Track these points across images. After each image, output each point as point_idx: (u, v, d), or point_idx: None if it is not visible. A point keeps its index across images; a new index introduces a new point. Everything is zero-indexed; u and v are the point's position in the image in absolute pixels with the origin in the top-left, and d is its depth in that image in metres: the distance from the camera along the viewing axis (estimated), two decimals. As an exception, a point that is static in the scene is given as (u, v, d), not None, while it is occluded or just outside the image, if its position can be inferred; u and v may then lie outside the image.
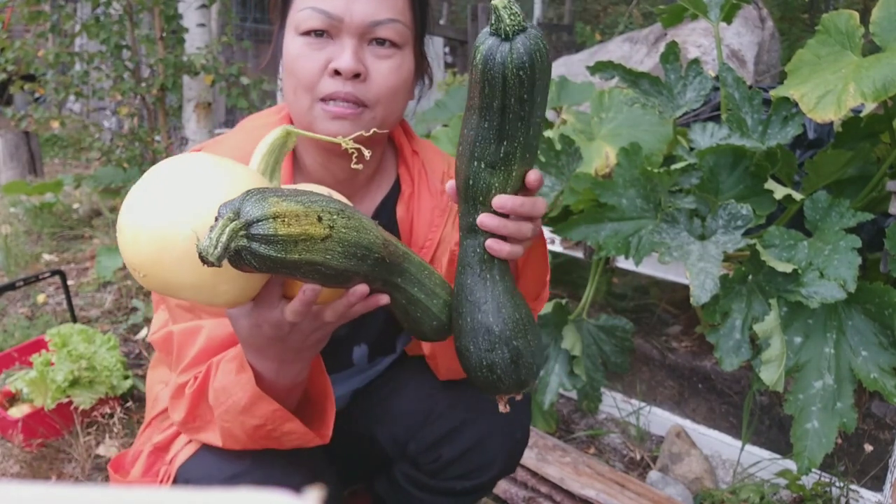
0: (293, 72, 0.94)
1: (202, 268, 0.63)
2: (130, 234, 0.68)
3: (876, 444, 1.86)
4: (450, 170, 1.14)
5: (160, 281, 0.69)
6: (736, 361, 1.53)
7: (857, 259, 1.44)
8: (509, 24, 0.73)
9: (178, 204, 0.67)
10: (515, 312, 0.84)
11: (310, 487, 0.22)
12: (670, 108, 1.82)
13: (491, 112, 0.77)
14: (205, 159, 0.72)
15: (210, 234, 0.62)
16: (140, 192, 0.70)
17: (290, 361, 0.84)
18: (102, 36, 3.24)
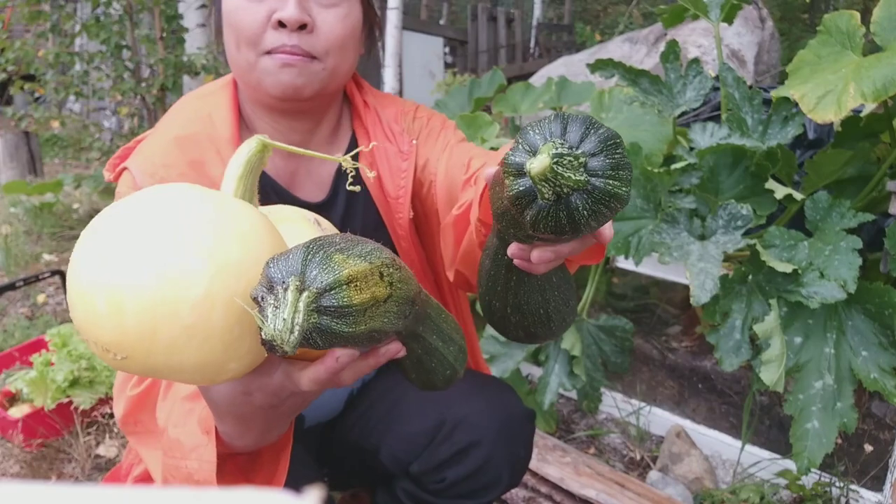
0: (234, 26, 0.91)
1: (210, 345, 0.51)
2: (104, 304, 0.49)
3: (876, 444, 1.86)
4: (404, 108, 1.08)
5: (145, 364, 0.52)
6: (736, 361, 1.53)
7: (857, 260, 1.43)
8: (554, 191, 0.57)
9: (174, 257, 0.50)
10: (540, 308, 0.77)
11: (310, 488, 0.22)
12: (670, 107, 1.82)
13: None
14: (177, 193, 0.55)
15: (278, 314, 0.48)
16: (107, 244, 0.51)
17: (273, 430, 0.72)
18: (102, 36, 3.24)
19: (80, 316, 0.52)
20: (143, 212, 0.52)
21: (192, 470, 0.72)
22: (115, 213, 0.54)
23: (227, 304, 0.51)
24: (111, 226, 0.52)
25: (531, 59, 8.28)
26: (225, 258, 0.52)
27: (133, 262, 0.50)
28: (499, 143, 2.08)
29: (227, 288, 0.51)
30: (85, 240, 0.53)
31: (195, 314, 0.50)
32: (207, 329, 0.51)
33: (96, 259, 0.51)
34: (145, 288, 0.49)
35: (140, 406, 0.84)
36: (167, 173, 0.90)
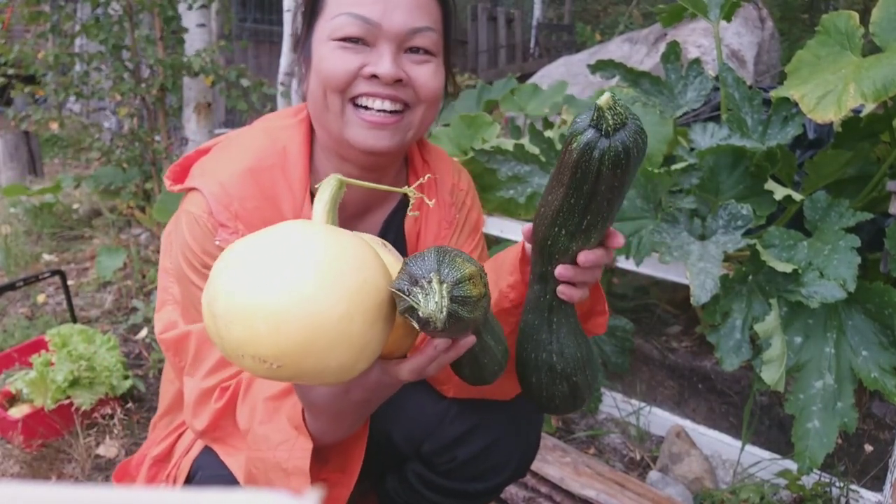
0: (324, 74, 0.91)
1: (350, 349, 0.62)
2: (264, 324, 0.60)
3: (876, 444, 1.86)
4: (459, 181, 1.13)
5: (297, 369, 0.63)
6: (736, 361, 1.53)
7: (856, 259, 1.44)
8: (611, 124, 0.72)
9: (320, 282, 0.62)
10: (577, 352, 0.89)
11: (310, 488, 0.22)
12: (671, 107, 1.82)
13: (580, 192, 0.77)
14: (308, 228, 0.67)
15: (429, 299, 0.63)
16: (260, 273, 0.62)
17: (357, 423, 0.83)
18: (102, 36, 3.24)
19: (239, 335, 0.61)
20: (287, 245, 0.64)
21: (281, 459, 0.81)
22: (260, 244, 0.65)
23: (362, 316, 0.64)
24: (261, 255, 0.63)
25: (531, 59, 8.28)
26: (357, 280, 0.64)
27: (287, 288, 0.61)
28: (499, 143, 2.08)
29: (362, 303, 0.64)
30: (232, 269, 0.64)
31: (340, 326, 0.62)
32: (349, 337, 0.63)
33: (252, 286, 0.61)
34: (300, 309, 0.61)
35: (224, 415, 0.90)
36: (242, 206, 0.93)
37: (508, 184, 1.94)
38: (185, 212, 0.95)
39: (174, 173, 1.02)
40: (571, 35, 9.03)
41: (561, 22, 9.80)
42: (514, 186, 1.93)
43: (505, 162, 1.94)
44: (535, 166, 1.92)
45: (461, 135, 2.37)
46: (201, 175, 0.97)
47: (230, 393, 0.89)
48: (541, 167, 1.92)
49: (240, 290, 0.62)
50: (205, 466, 0.96)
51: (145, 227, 3.42)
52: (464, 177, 1.16)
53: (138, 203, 3.48)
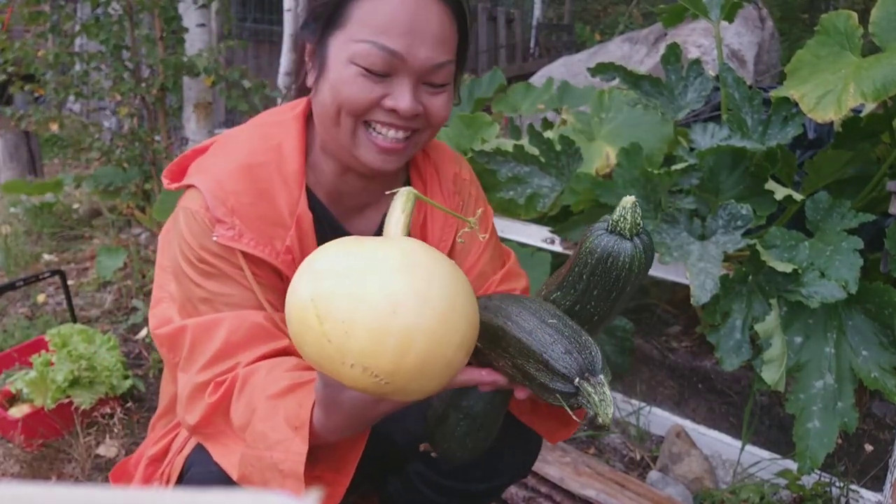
0: (342, 98, 0.91)
1: (448, 376, 0.66)
2: (394, 343, 0.61)
3: (876, 444, 1.86)
4: (461, 171, 1.14)
5: (400, 388, 0.65)
6: (736, 361, 1.53)
7: (858, 260, 1.44)
8: (630, 227, 0.76)
9: (449, 312, 0.64)
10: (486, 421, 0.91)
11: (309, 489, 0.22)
12: (672, 108, 1.82)
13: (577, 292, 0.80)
14: (422, 251, 0.69)
15: (604, 404, 0.68)
16: (398, 293, 0.63)
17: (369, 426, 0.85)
18: (102, 36, 3.24)
19: (362, 345, 0.62)
20: (420, 266, 0.65)
21: (277, 460, 0.81)
22: (389, 257, 0.66)
23: (468, 346, 0.68)
24: (394, 271, 0.64)
25: (531, 59, 8.28)
26: (471, 311, 0.68)
27: (425, 311, 0.63)
28: (499, 144, 2.08)
29: (471, 334, 0.67)
30: (361, 274, 0.64)
31: (454, 356, 0.65)
32: (454, 365, 0.66)
33: (389, 300, 0.62)
34: (431, 334, 0.63)
35: (217, 410, 0.89)
36: (238, 202, 0.93)
37: (508, 185, 1.94)
38: (183, 208, 0.96)
39: (171, 172, 1.02)
40: (571, 35, 9.03)
41: (561, 22, 9.80)
42: (514, 187, 1.93)
43: (505, 163, 1.94)
44: (535, 167, 1.92)
45: (460, 135, 2.37)
46: (198, 173, 0.97)
47: (224, 388, 0.88)
48: (540, 168, 1.92)
49: (374, 301, 0.62)
50: (196, 463, 0.96)
51: (145, 227, 3.42)
52: (465, 167, 1.16)
53: (138, 203, 3.48)
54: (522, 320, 0.76)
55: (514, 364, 0.76)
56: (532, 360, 0.73)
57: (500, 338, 0.76)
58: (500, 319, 0.77)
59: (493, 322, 0.78)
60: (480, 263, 1.10)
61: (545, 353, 0.72)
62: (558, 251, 2.03)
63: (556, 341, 0.72)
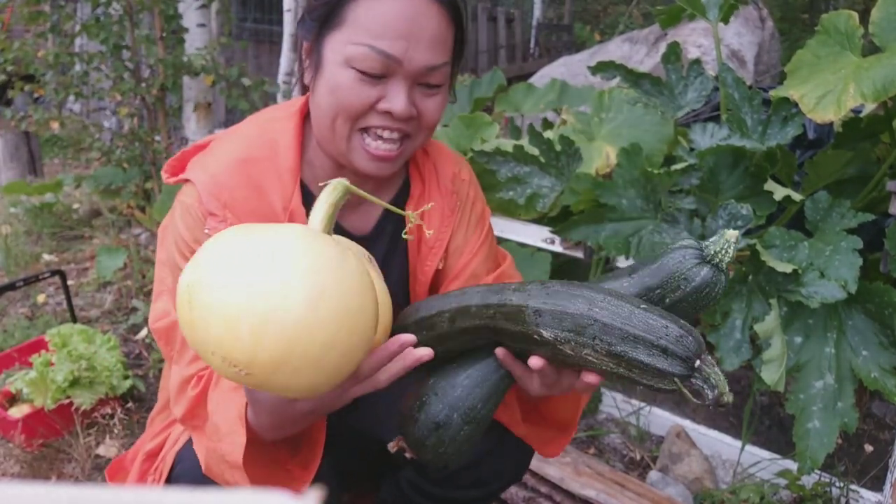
0: (338, 100, 0.91)
1: (321, 374, 0.62)
2: (247, 330, 0.58)
3: (876, 444, 1.86)
4: (461, 171, 1.13)
5: (263, 381, 0.61)
6: (736, 361, 1.53)
7: (858, 260, 1.44)
8: (728, 261, 0.76)
9: (313, 304, 0.59)
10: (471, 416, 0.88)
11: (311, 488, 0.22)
12: (672, 108, 1.82)
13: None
14: (303, 238, 0.64)
15: (720, 379, 0.69)
16: (254, 278, 0.59)
17: (305, 425, 0.83)
18: (102, 36, 3.24)
19: (217, 334, 0.59)
20: (288, 253, 0.61)
21: (225, 452, 0.82)
22: (256, 245, 0.62)
23: (343, 345, 0.62)
24: (258, 258, 0.60)
25: (531, 59, 8.28)
26: (349, 308, 0.62)
27: (280, 301, 0.58)
28: (499, 144, 2.08)
29: (347, 332, 0.62)
30: (225, 262, 0.61)
31: (322, 352, 0.60)
32: (326, 364, 0.62)
33: (243, 288, 0.59)
34: (286, 325, 0.58)
35: (199, 403, 0.90)
36: (231, 196, 0.94)
37: (508, 185, 1.94)
38: (179, 202, 0.98)
39: (172, 167, 1.03)
40: (571, 35, 9.04)
41: (561, 22, 9.80)
42: (514, 187, 1.93)
43: (504, 163, 1.94)
44: (535, 167, 1.92)
45: (460, 135, 2.37)
46: (194, 167, 0.98)
47: (204, 381, 0.89)
48: (540, 168, 1.92)
49: (229, 289, 0.59)
50: (184, 459, 0.97)
51: (145, 227, 3.42)
52: (464, 167, 1.16)
53: (138, 203, 3.48)
54: (612, 306, 0.72)
55: (609, 352, 0.71)
56: (643, 347, 0.70)
57: (587, 326, 0.72)
58: (580, 306, 0.73)
59: (572, 310, 0.74)
60: (473, 264, 1.10)
61: (662, 339, 0.70)
62: (558, 251, 2.03)
63: (666, 325, 0.70)
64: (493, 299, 0.81)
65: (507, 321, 0.80)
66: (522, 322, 0.77)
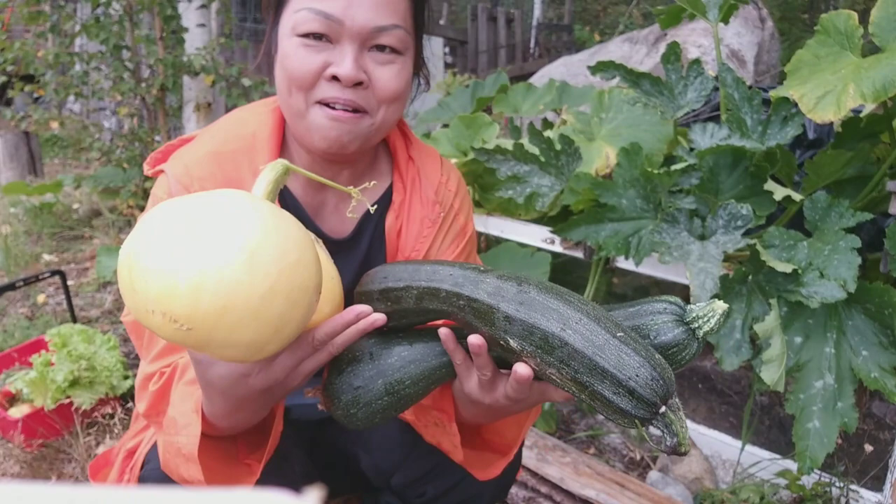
0: (288, 71, 0.90)
1: (264, 328, 0.61)
2: (184, 282, 0.58)
3: (876, 444, 1.87)
4: (448, 181, 1.09)
5: (206, 337, 0.61)
6: (736, 361, 1.53)
7: (856, 259, 1.44)
8: (709, 332, 0.72)
9: (251, 253, 0.60)
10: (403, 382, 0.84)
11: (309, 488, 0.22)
12: (671, 108, 1.82)
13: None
14: (240, 197, 0.64)
15: (683, 429, 0.67)
16: (189, 231, 0.60)
17: (258, 413, 0.80)
18: (102, 36, 3.24)
19: (156, 289, 0.59)
20: (225, 210, 0.62)
21: (181, 445, 0.80)
22: (193, 205, 0.62)
23: (284, 297, 0.62)
24: (194, 216, 0.61)
25: (531, 59, 8.28)
26: (287, 260, 0.62)
27: (215, 252, 0.59)
28: (499, 144, 2.08)
29: (287, 284, 0.61)
30: (160, 224, 0.61)
31: (262, 302, 0.60)
32: (268, 315, 0.61)
33: (178, 243, 0.59)
34: (223, 276, 0.59)
35: (160, 398, 0.89)
36: (201, 186, 0.91)
37: (508, 183, 1.94)
38: (152, 194, 0.97)
39: (154, 160, 1.01)
40: (571, 35, 9.04)
41: (561, 22, 9.80)
42: (514, 186, 1.93)
43: (504, 161, 1.94)
44: (535, 166, 1.92)
45: (460, 135, 2.37)
46: (172, 159, 0.97)
47: (166, 377, 0.88)
48: (540, 167, 1.92)
49: (165, 245, 0.60)
50: (151, 459, 0.96)
51: (145, 227, 3.42)
52: (453, 177, 1.11)
53: (138, 203, 3.48)
54: (586, 330, 0.68)
55: (573, 379, 0.68)
56: (609, 383, 0.66)
57: (556, 347, 0.68)
58: (553, 324, 0.69)
59: (544, 326, 0.69)
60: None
61: (631, 380, 0.65)
62: (558, 251, 2.03)
63: (640, 365, 0.66)
64: (466, 290, 0.76)
65: (475, 318, 0.75)
66: (491, 324, 0.73)
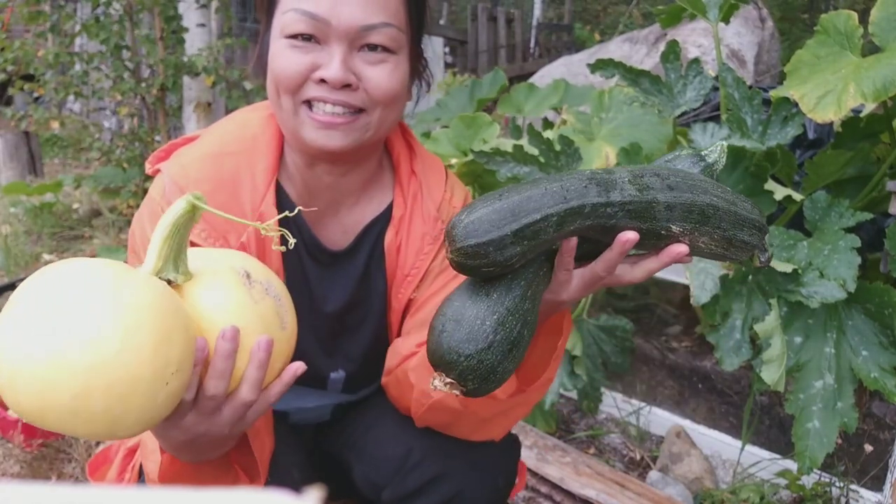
0: (275, 72, 0.87)
1: (94, 422, 0.58)
2: (4, 378, 0.57)
3: (876, 444, 1.86)
4: (452, 198, 1.05)
5: (50, 426, 0.59)
6: (736, 361, 1.53)
7: (856, 259, 1.44)
8: (718, 168, 0.84)
9: (60, 349, 0.56)
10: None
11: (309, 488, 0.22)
12: (670, 107, 1.82)
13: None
14: (83, 280, 0.60)
15: (769, 243, 0.83)
16: (11, 325, 0.58)
17: (206, 454, 0.79)
18: (102, 36, 3.24)
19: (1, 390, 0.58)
20: (53, 296, 0.58)
21: (149, 470, 0.81)
22: (34, 287, 0.60)
23: (104, 392, 0.57)
24: (24, 303, 0.58)
25: (531, 59, 8.28)
26: (102, 352, 0.57)
27: (29, 348, 0.56)
28: (499, 144, 2.08)
29: (104, 379, 0.57)
30: (6, 309, 0.60)
31: (76, 402, 0.56)
32: (89, 412, 0.57)
33: (6, 335, 0.57)
34: (33, 375, 0.56)
35: None
36: (197, 188, 0.89)
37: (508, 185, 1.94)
38: (147, 194, 0.95)
39: (157, 158, 0.99)
40: (571, 35, 9.04)
41: (561, 22, 9.79)
42: (514, 186, 1.93)
43: (504, 163, 1.94)
44: (535, 167, 1.92)
45: (460, 136, 2.37)
46: (171, 159, 0.95)
47: None
48: (540, 168, 1.92)
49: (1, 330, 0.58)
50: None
51: (145, 227, 3.42)
52: (458, 193, 1.07)
53: (138, 203, 3.48)
54: (719, 191, 0.78)
55: (723, 237, 0.77)
56: (748, 228, 0.78)
57: (711, 216, 0.76)
58: (703, 197, 0.76)
59: (700, 201, 0.76)
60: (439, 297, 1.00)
61: (757, 218, 0.79)
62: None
63: (753, 205, 0.80)
64: (615, 196, 0.73)
65: (631, 219, 0.73)
66: (651, 219, 0.74)
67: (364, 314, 1.06)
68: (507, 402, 0.90)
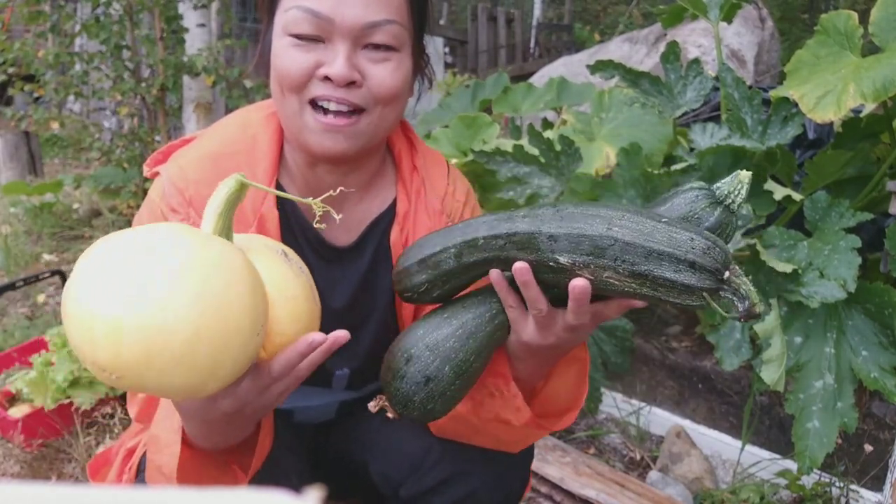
0: (279, 71, 0.87)
1: (195, 372, 0.59)
2: (102, 332, 0.57)
3: (876, 444, 1.86)
4: (455, 191, 1.05)
5: (137, 383, 0.60)
6: (736, 361, 1.53)
7: (856, 259, 1.44)
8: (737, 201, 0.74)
9: (169, 297, 0.57)
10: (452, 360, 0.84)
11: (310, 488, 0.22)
12: (670, 107, 1.82)
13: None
14: (175, 234, 0.62)
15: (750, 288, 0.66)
16: (109, 276, 0.58)
17: (236, 432, 0.80)
18: (102, 36, 3.24)
19: (78, 340, 0.58)
20: (144, 250, 0.59)
21: (162, 464, 0.80)
22: (118, 246, 0.60)
23: (211, 340, 0.59)
24: (114, 259, 0.59)
25: (531, 59, 8.28)
26: (211, 299, 0.59)
27: (133, 297, 0.57)
28: (499, 144, 2.08)
29: (213, 327, 0.59)
30: (85, 267, 0.59)
31: (184, 348, 0.58)
32: (194, 360, 0.59)
33: (97, 288, 0.57)
34: (140, 324, 0.57)
35: (150, 403, 0.89)
36: (196, 191, 0.89)
37: (508, 185, 1.94)
38: (147, 196, 0.95)
39: (154, 160, 0.99)
40: (571, 35, 9.04)
41: (561, 22, 9.79)
42: (514, 188, 1.93)
43: (504, 163, 1.94)
44: (535, 167, 1.92)
45: (460, 136, 2.37)
46: (170, 160, 0.94)
47: None
48: (540, 168, 1.92)
49: (84, 294, 0.58)
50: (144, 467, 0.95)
51: (145, 227, 3.42)
52: (461, 186, 1.07)
53: (138, 203, 3.48)
54: (631, 223, 0.69)
55: (632, 273, 0.68)
56: (668, 263, 0.66)
57: (607, 247, 0.68)
58: (597, 227, 0.69)
59: (590, 231, 0.70)
60: None
61: (689, 253, 0.66)
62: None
63: (693, 238, 0.67)
64: (503, 228, 0.76)
65: (518, 251, 0.74)
66: (536, 250, 0.72)
67: (369, 311, 1.06)
68: (522, 430, 0.93)
